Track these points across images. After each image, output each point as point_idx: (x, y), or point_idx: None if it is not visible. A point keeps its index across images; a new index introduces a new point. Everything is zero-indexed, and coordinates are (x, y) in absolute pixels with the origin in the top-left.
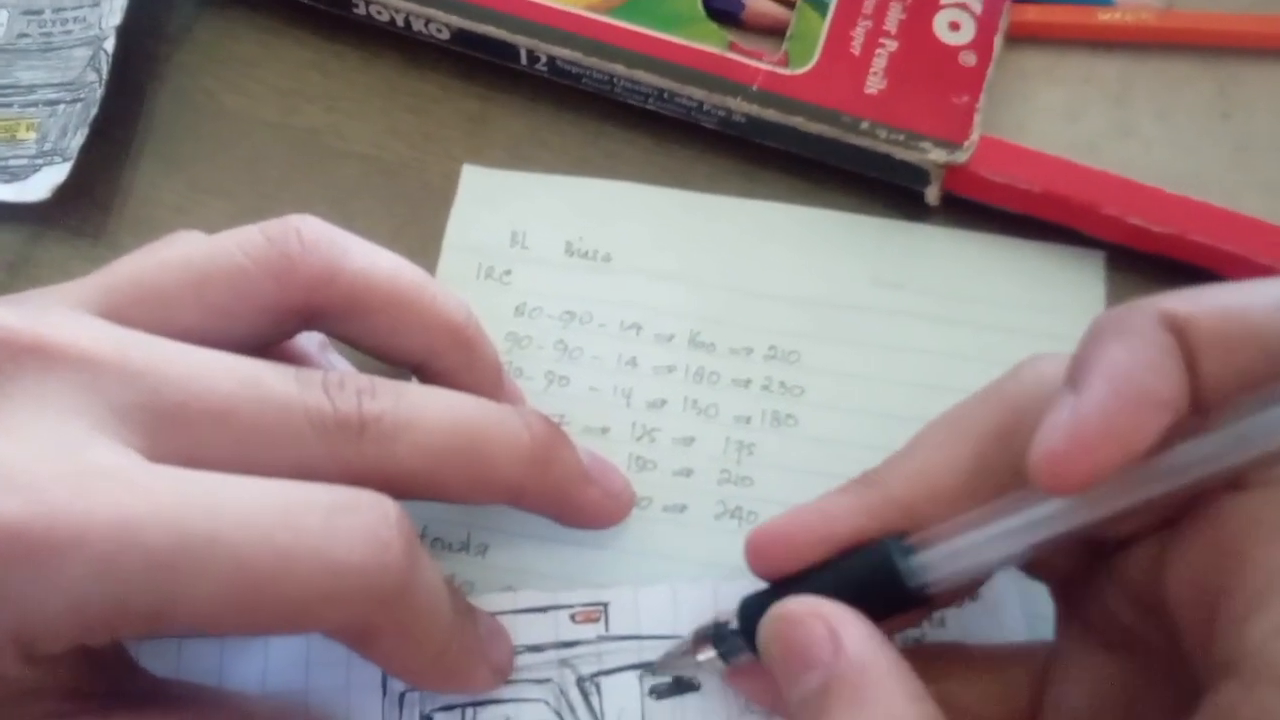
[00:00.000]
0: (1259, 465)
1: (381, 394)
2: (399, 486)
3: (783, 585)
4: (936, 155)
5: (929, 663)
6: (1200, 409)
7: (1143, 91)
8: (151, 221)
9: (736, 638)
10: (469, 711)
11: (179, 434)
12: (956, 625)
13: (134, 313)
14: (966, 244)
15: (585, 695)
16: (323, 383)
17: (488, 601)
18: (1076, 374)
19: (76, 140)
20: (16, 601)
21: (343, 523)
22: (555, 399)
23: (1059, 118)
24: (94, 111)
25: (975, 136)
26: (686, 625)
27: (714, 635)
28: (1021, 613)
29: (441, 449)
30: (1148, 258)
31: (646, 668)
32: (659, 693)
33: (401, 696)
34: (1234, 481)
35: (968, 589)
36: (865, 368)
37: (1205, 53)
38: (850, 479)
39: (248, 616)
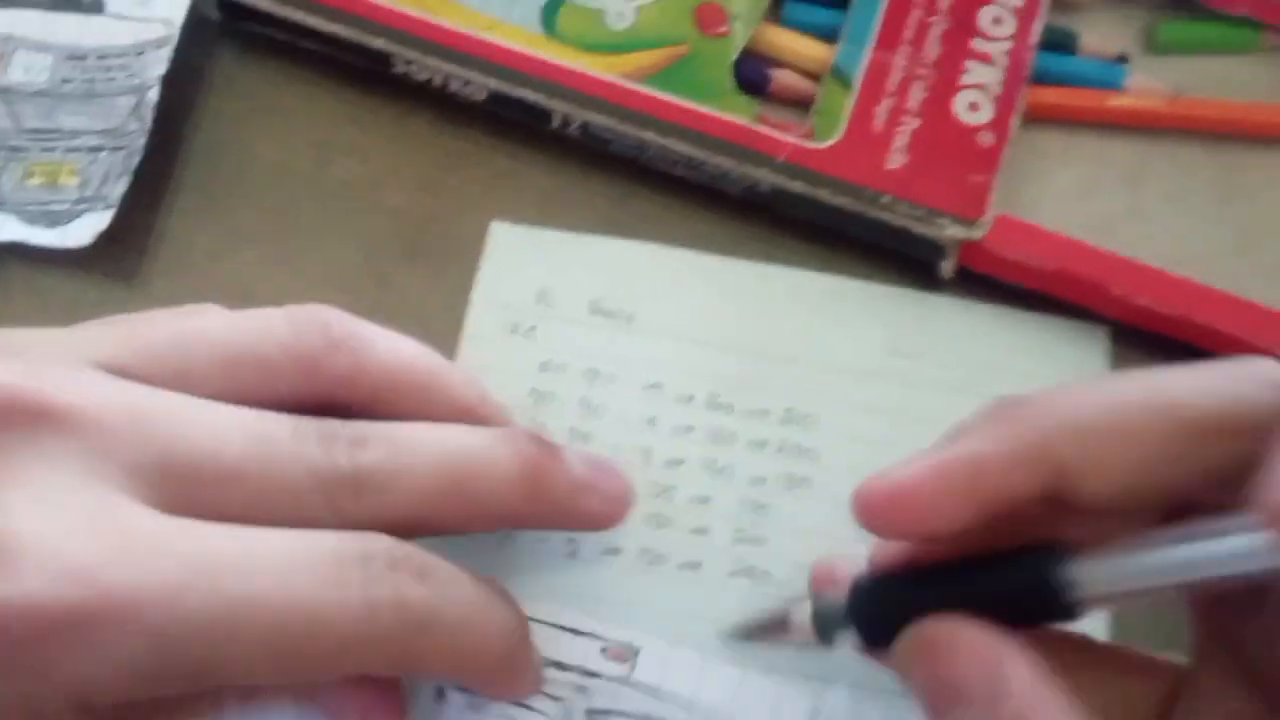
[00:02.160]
0: None
1: (373, 444)
2: (397, 532)
3: (909, 581)
4: (953, 231)
5: (1054, 653)
6: None
7: (1153, 175)
8: (185, 266)
9: (841, 619)
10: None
11: (192, 493)
12: None
13: (161, 373)
14: (977, 315)
15: None
16: (318, 435)
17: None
18: None
19: (119, 187)
20: (73, 671)
21: (360, 573)
22: None
23: (1072, 197)
24: (137, 160)
25: (990, 214)
26: (705, 696)
27: (815, 619)
28: None
29: (433, 492)
30: (1150, 335)
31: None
32: None
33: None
34: None
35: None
36: (879, 433)
37: (1212, 139)
38: (984, 407)
39: (286, 673)
